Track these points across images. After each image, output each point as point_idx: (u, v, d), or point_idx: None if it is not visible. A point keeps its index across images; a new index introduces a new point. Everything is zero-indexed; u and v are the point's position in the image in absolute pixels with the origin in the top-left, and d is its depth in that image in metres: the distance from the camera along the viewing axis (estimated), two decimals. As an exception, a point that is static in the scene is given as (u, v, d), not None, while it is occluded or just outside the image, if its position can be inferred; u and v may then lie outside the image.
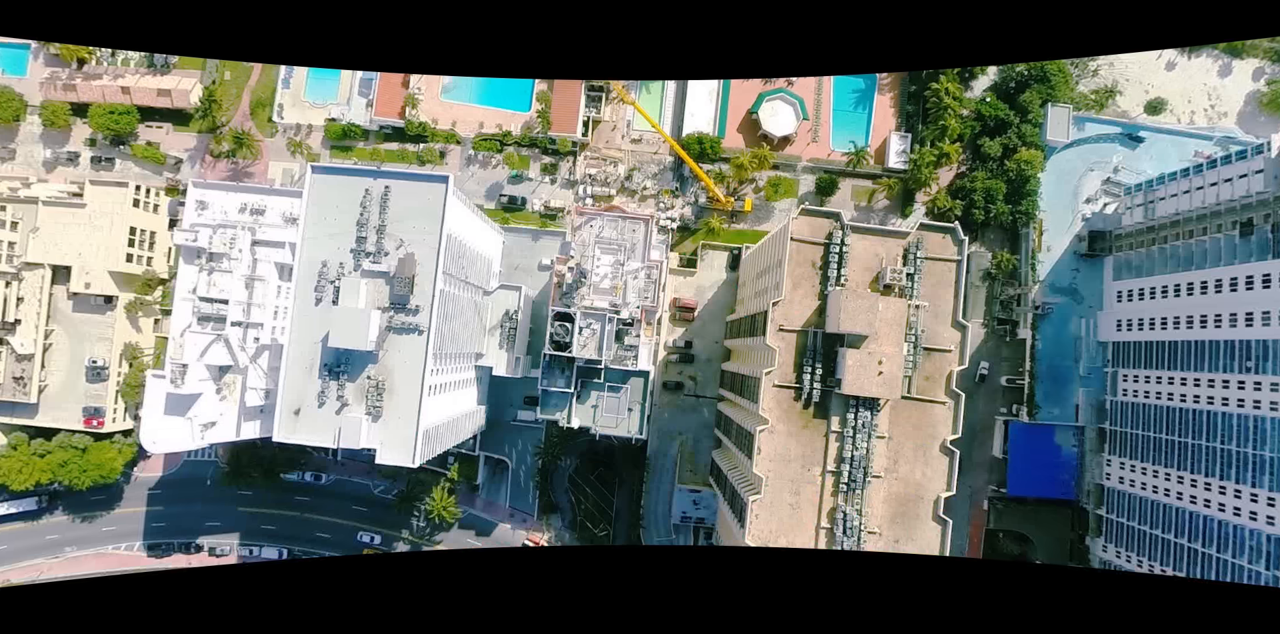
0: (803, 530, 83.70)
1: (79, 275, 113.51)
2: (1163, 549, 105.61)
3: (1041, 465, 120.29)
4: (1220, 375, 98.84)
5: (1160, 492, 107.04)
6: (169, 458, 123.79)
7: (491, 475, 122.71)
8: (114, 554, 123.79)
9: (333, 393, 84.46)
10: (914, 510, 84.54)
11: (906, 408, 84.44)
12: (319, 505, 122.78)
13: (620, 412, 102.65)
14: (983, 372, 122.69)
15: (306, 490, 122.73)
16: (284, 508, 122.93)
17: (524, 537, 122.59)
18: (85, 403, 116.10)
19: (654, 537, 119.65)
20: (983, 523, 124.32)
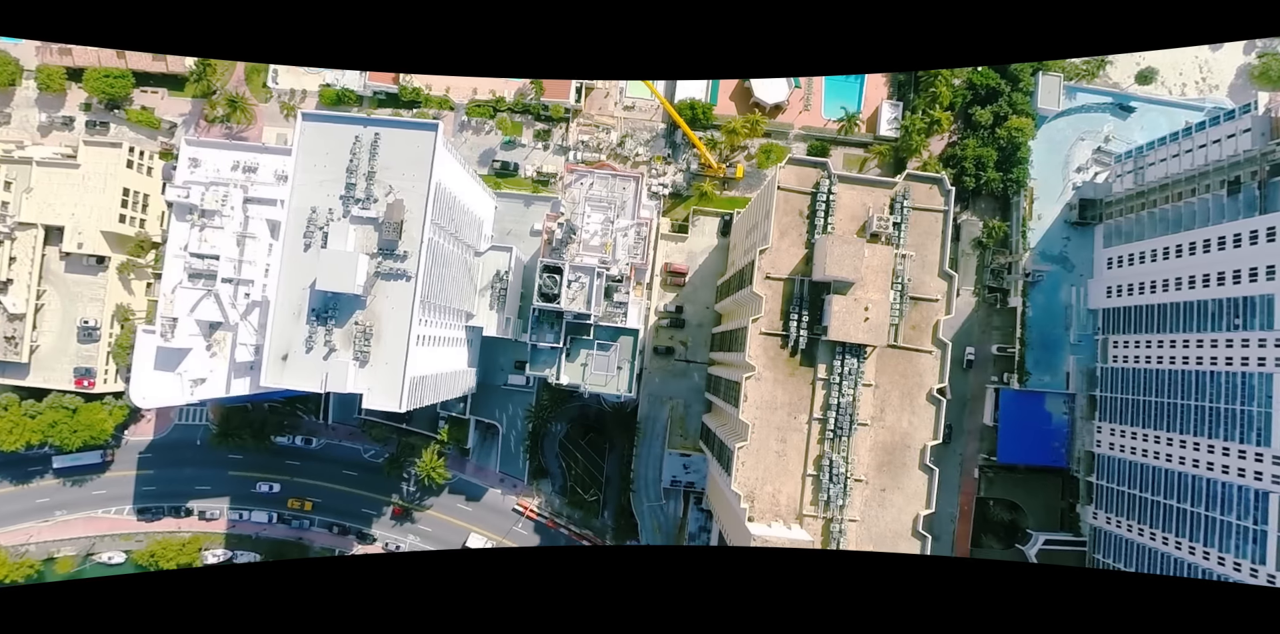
0: (789, 478, 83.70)
1: (71, 235, 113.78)
2: (1153, 512, 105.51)
3: (1032, 433, 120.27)
4: (1209, 335, 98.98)
5: (1150, 455, 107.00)
6: (159, 422, 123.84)
7: (482, 441, 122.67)
8: (104, 518, 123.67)
9: (320, 338, 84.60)
10: (900, 459, 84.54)
11: (893, 356, 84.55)
12: (309, 470, 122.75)
13: (609, 369, 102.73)
14: (969, 357, 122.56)
15: (296, 454, 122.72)
16: (274, 472, 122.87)
17: (514, 502, 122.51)
18: (76, 363, 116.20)
19: (644, 501, 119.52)
20: (973, 491, 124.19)
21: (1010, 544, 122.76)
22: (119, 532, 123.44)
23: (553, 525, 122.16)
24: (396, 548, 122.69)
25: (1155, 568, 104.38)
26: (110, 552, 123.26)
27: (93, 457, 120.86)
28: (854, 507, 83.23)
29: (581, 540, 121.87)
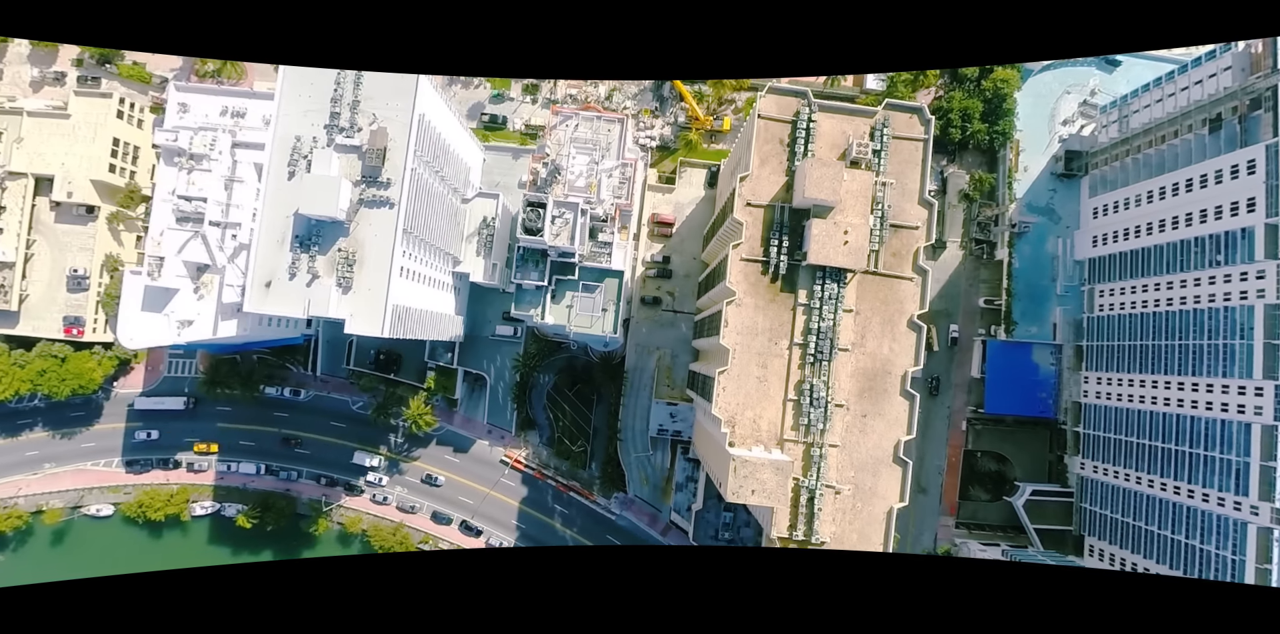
0: (770, 403, 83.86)
1: (61, 184, 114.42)
2: (1139, 455, 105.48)
3: (1019, 383, 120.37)
4: (1191, 274, 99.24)
5: (1136, 400, 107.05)
6: (149, 374, 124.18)
7: (470, 392, 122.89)
8: (92, 470, 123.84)
9: (304, 265, 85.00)
10: (881, 385, 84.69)
11: (874, 283, 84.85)
12: (297, 422, 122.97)
13: (595, 311, 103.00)
14: (953, 335, 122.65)
15: (285, 406, 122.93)
16: (262, 424, 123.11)
17: (501, 453, 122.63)
18: (65, 312, 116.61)
19: (631, 452, 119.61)
20: (961, 444, 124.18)
21: (998, 496, 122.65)
22: (107, 484, 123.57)
23: (540, 477, 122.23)
24: (384, 499, 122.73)
25: (1142, 513, 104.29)
26: (99, 504, 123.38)
27: (175, 402, 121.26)
28: (835, 432, 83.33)
29: (569, 492, 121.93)
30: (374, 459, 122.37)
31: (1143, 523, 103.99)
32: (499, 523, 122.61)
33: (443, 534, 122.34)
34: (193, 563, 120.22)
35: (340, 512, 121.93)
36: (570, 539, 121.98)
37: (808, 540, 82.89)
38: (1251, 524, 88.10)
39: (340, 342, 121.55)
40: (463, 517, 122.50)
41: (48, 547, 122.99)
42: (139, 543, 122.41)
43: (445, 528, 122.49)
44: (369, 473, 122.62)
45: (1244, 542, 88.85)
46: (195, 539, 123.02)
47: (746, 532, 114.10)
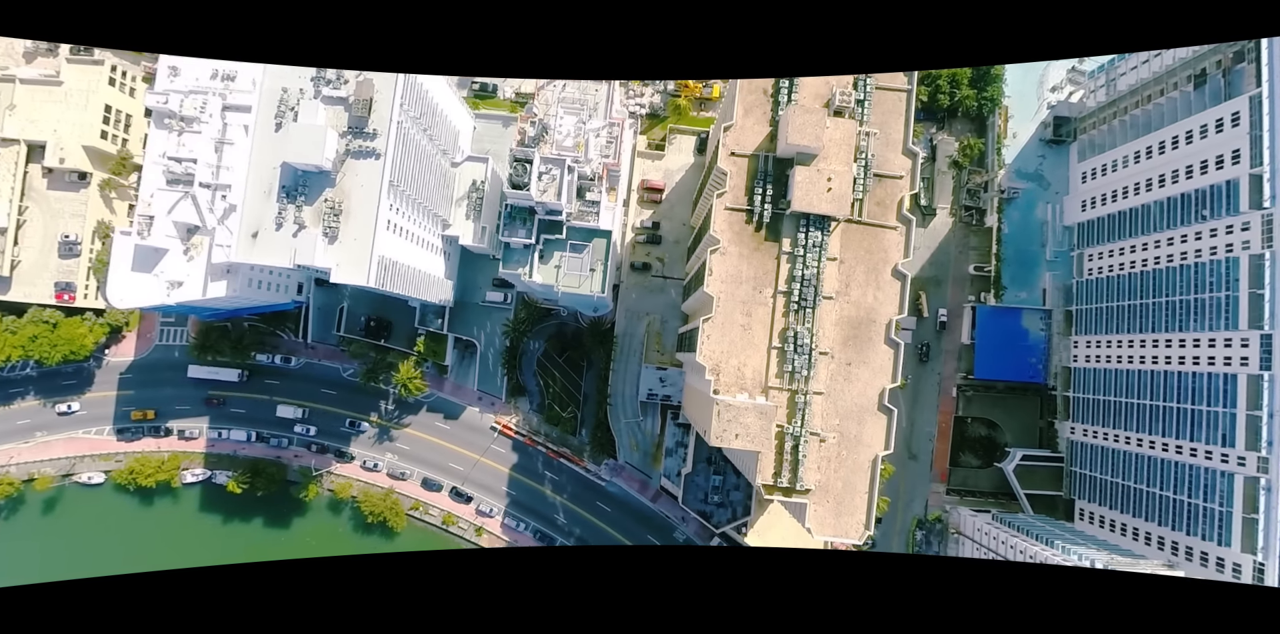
0: (754, 351, 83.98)
1: (53, 150, 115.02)
2: (1128, 415, 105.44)
3: (1009, 349, 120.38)
4: (1178, 231, 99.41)
5: (1125, 360, 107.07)
6: (140, 342, 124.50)
7: (460, 360, 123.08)
8: (84, 439, 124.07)
9: (290, 215, 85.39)
10: (866, 333, 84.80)
11: (858, 232, 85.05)
12: (288, 389, 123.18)
13: (583, 271, 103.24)
14: (942, 319, 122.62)
15: (276, 373, 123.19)
16: (253, 391, 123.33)
17: (492, 420, 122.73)
18: (57, 278, 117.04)
19: (621, 417, 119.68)
20: (952, 410, 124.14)
21: (989, 462, 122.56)
22: (99, 452, 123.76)
23: (530, 443, 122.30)
24: (375, 466, 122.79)
25: (1131, 472, 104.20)
26: (90, 472, 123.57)
27: (230, 374, 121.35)
28: (819, 379, 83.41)
29: (559, 458, 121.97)
30: (365, 427, 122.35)
31: (1132, 482, 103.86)
32: (489, 489, 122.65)
33: (433, 501, 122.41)
34: (183, 530, 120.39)
35: (331, 478, 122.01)
36: (560, 506, 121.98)
37: (793, 487, 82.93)
38: (1238, 475, 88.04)
39: (331, 309, 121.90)
40: (453, 483, 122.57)
41: (39, 514, 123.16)
42: (130, 510, 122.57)
43: (435, 494, 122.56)
44: (356, 439, 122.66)
45: (1231, 493, 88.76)
46: (186, 506, 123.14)
47: (736, 495, 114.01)
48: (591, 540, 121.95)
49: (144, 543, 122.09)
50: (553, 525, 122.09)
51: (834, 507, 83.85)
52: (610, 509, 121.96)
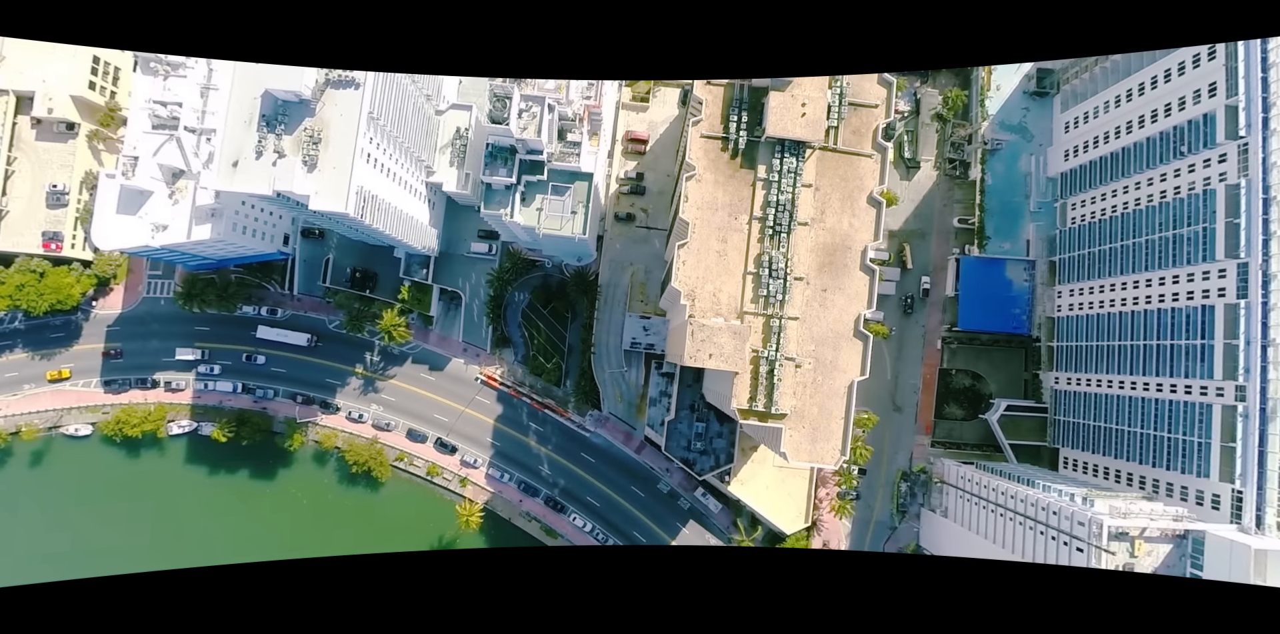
0: (730, 277, 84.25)
1: (42, 100, 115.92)
2: (1110, 358, 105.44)
3: (993, 299, 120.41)
4: (1157, 171, 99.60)
5: (1107, 304, 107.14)
6: (127, 295, 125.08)
7: (446, 312, 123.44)
8: (71, 391, 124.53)
9: (270, 144, 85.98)
10: (841, 260, 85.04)
11: (833, 160, 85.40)
12: (274, 341, 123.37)
13: (564, 213, 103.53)
14: (925, 286, 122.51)
15: (263, 325, 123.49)
16: (239, 343, 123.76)
17: (477, 371, 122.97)
18: (45, 228, 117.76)
19: (605, 368, 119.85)
20: (936, 362, 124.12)
21: (974, 414, 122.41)
22: (85, 404, 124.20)
23: (515, 395, 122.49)
24: (360, 417, 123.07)
25: (1114, 415, 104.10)
26: (77, 424, 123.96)
27: (299, 338, 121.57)
28: (794, 305, 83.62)
29: (544, 409, 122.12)
30: (350, 379, 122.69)
31: (1114, 424, 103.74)
32: (474, 440, 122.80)
33: (418, 452, 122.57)
34: (170, 481, 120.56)
35: (316, 429, 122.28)
36: (544, 457, 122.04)
37: (768, 412, 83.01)
38: (1216, 405, 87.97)
39: (317, 261, 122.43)
40: (438, 434, 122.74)
41: (26, 467, 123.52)
42: (117, 461, 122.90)
43: (420, 445, 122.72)
44: (341, 391, 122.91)
45: (1209, 424, 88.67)
46: (172, 458, 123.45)
47: (719, 443, 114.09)
48: (575, 491, 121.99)
49: (131, 493, 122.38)
50: (537, 476, 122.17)
51: (810, 432, 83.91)
52: (594, 460, 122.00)
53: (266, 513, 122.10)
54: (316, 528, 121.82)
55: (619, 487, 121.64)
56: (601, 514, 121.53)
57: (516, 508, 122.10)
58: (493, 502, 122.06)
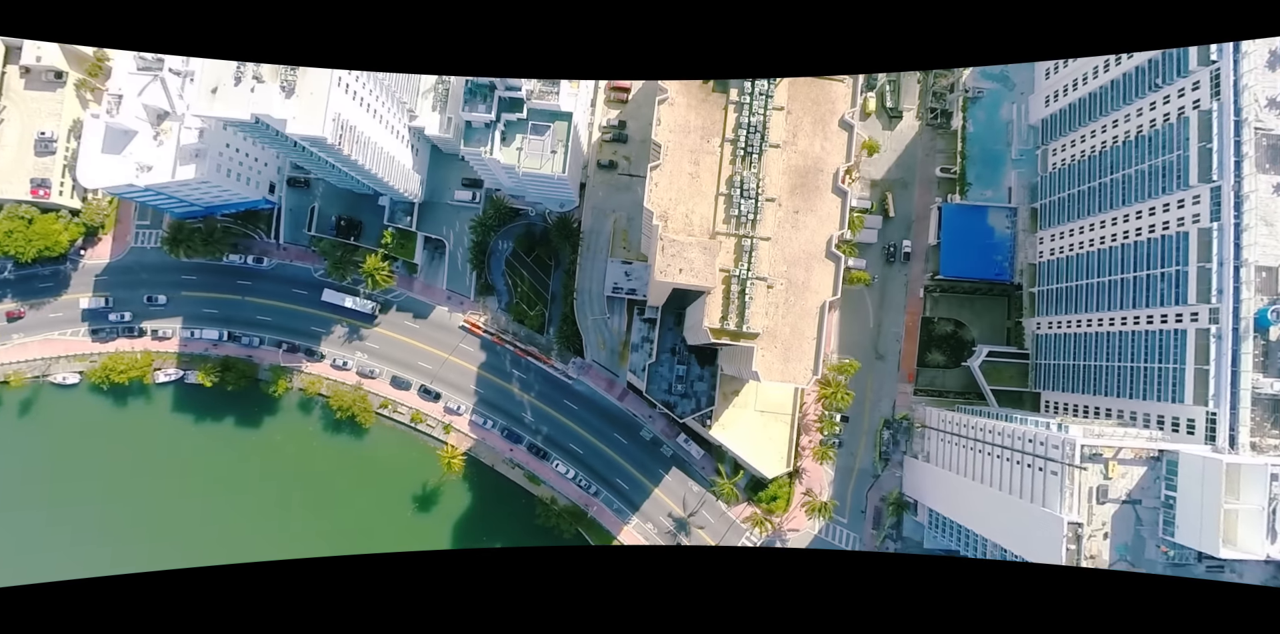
0: (702, 199, 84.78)
1: (30, 49, 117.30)
2: (1089, 295, 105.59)
3: (975, 246, 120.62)
4: (1133, 106, 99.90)
5: (1087, 244, 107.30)
6: (115, 245, 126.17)
7: (430, 260, 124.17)
8: (59, 340, 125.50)
9: (248, 71, 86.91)
10: (813, 182, 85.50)
11: (805, 84, 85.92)
12: (260, 289, 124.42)
13: (544, 152, 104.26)
14: (906, 251, 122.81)
15: (248, 274, 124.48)
16: (226, 291, 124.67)
17: (461, 319, 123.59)
18: (33, 175, 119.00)
19: (588, 315, 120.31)
20: (919, 311, 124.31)
21: (956, 362, 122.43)
22: (74, 353, 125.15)
23: (499, 342, 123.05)
24: (344, 364, 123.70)
25: (1093, 352, 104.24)
26: (65, 372, 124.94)
27: (365, 306, 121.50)
28: (766, 225, 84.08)
29: (527, 356, 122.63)
30: (335, 327, 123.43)
31: (1094, 361, 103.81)
32: (458, 387, 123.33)
33: (402, 399, 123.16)
34: (156, 429, 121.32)
35: (301, 377, 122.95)
36: (527, 404, 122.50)
37: (740, 331, 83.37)
38: (1190, 329, 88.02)
39: (302, 210, 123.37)
40: (422, 381, 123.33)
41: (15, 414, 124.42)
42: (104, 409, 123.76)
43: (404, 393, 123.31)
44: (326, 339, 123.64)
45: (1184, 349, 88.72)
46: (159, 406, 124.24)
47: (700, 386, 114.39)
48: (559, 439, 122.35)
49: (119, 441, 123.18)
50: (520, 423, 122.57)
51: (782, 352, 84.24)
52: (577, 407, 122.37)
53: (252, 460, 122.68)
54: (302, 474, 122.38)
55: (602, 434, 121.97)
56: (584, 461, 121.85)
57: (500, 455, 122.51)
58: (476, 448, 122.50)
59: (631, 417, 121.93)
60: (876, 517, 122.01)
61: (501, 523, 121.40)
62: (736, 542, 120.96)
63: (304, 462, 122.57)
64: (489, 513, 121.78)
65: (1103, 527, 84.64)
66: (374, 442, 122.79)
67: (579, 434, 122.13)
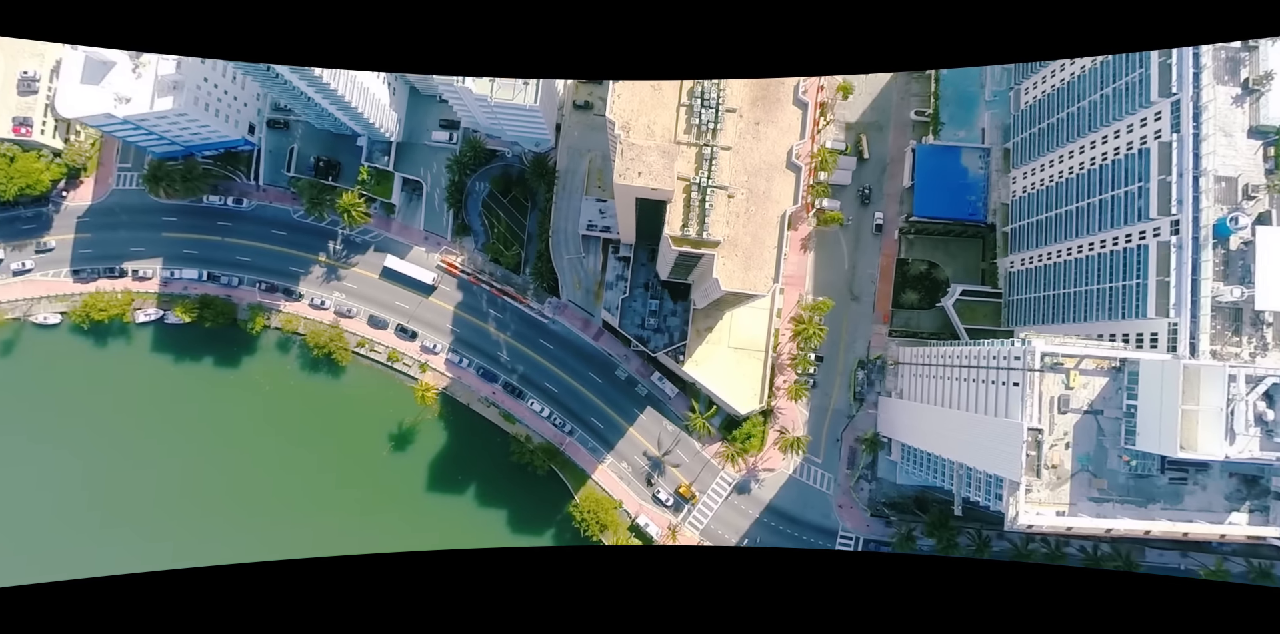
0: (664, 110, 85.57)
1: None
2: (1059, 225, 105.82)
3: (948, 186, 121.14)
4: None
5: (1057, 176, 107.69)
6: (97, 187, 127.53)
7: (408, 201, 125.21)
8: (41, 281, 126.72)
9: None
10: (774, 95, 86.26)
11: None
12: (240, 230, 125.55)
13: (517, 83, 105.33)
14: (878, 222, 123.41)
15: (228, 215, 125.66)
16: (206, 233, 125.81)
17: (438, 259, 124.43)
18: (15, 113, 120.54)
19: (563, 254, 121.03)
20: (894, 253, 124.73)
21: (931, 302, 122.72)
22: (55, 293, 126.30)
23: (475, 281, 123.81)
24: (322, 303, 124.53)
25: (1062, 281, 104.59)
26: (46, 313, 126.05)
27: (426, 275, 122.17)
28: (727, 135, 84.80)
29: (503, 296, 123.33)
30: (313, 267, 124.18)
31: (1063, 289, 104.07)
32: (434, 327, 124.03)
33: (379, 338, 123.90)
34: (136, 367, 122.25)
35: (279, 316, 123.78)
36: (504, 343, 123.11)
37: (700, 239, 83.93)
38: (1152, 244, 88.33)
39: (282, 151, 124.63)
40: (398, 321, 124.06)
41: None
42: (85, 348, 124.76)
43: (381, 332, 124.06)
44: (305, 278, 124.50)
45: (1146, 264, 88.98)
46: (139, 345, 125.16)
47: (673, 321, 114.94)
48: (534, 378, 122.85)
49: (99, 379, 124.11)
50: (496, 363, 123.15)
51: (743, 260, 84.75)
52: (553, 347, 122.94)
53: (230, 399, 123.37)
54: (278, 413, 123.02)
55: (577, 373, 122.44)
56: (559, 400, 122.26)
57: (475, 394, 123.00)
58: (452, 387, 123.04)
59: (607, 356, 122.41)
60: (851, 457, 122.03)
61: (476, 461, 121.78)
62: (711, 482, 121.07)
63: (281, 400, 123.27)
64: (464, 451, 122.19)
65: (1064, 436, 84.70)
66: (351, 381, 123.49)
67: (554, 373, 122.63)
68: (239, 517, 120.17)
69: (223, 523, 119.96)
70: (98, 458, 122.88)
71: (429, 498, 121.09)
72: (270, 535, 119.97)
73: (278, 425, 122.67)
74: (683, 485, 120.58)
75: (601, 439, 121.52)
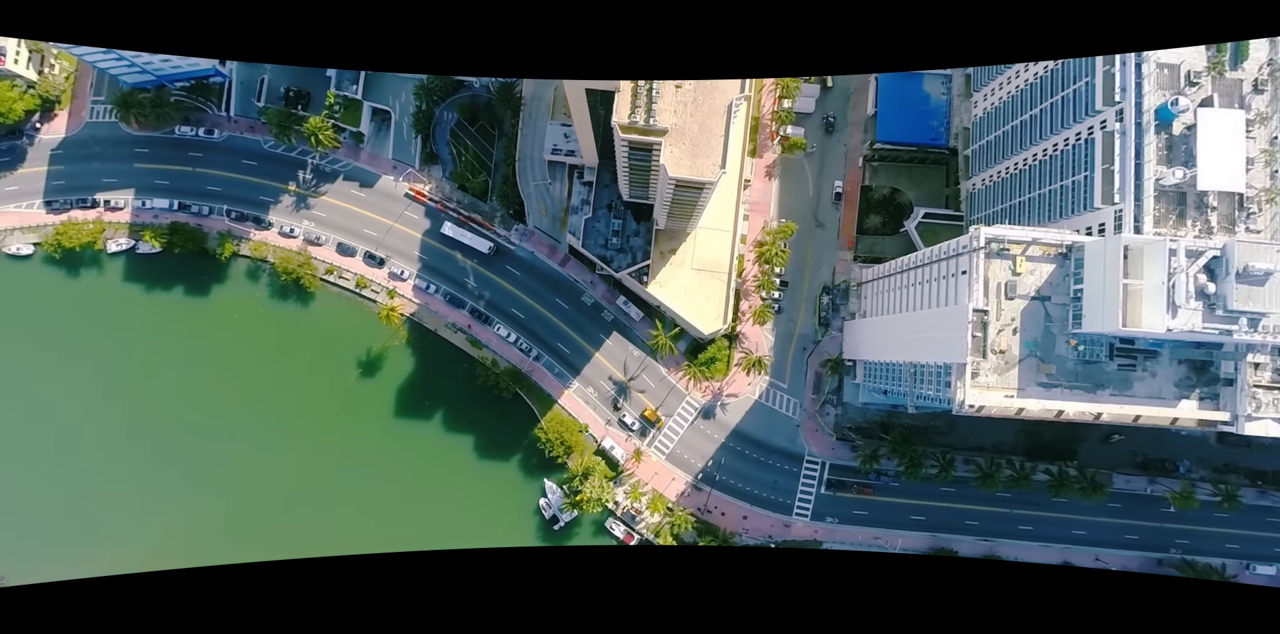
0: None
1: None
2: (1017, 137, 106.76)
3: (911, 112, 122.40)
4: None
5: (1013, 91, 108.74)
6: (71, 120, 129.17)
7: (377, 131, 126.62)
8: (14, 213, 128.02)
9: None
10: None
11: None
12: (211, 161, 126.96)
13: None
14: (837, 190, 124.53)
15: (199, 146, 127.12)
16: (177, 163, 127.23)
17: (406, 187, 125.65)
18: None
19: (530, 181, 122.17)
20: (859, 180, 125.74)
21: (895, 228, 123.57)
22: (28, 224, 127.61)
23: (443, 209, 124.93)
24: (291, 231, 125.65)
25: (1018, 190, 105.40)
26: (19, 244, 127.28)
27: (482, 244, 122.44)
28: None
29: (470, 223, 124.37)
30: (283, 196, 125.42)
31: (1019, 198, 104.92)
32: (402, 254, 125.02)
33: (347, 265, 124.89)
34: (108, 296, 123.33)
35: (248, 244, 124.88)
36: (470, 270, 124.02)
37: (648, 127, 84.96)
38: (1099, 135, 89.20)
39: (252, 83, 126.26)
40: (367, 248, 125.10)
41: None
42: (57, 279, 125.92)
43: (350, 259, 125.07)
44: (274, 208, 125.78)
45: (1092, 155, 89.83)
46: (110, 275, 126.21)
47: (636, 241, 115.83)
48: (501, 304, 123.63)
49: (71, 308, 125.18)
50: (463, 289, 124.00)
51: (690, 149, 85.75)
52: (519, 273, 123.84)
53: (200, 326, 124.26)
54: (247, 339, 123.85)
55: (544, 299, 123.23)
56: (526, 326, 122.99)
57: (442, 319, 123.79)
58: (419, 313, 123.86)
59: (573, 282, 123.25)
60: (817, 382, 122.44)
61: (443, 385, 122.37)
62: (677, 406, 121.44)
63: (249, 327, 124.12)
64: (431, 376, 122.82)
65: (1012, 321, 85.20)
66: (319, 308, 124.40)
67: (521, 299, 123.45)
68: (211, 442, 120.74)
69: (195, 450, 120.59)
70: (71, 386, 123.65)
71: (397, 422, 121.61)
72: (242, 462, 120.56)
73: (247, 351, 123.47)
74: (648, 410, 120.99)
75: (568, 364, 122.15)
